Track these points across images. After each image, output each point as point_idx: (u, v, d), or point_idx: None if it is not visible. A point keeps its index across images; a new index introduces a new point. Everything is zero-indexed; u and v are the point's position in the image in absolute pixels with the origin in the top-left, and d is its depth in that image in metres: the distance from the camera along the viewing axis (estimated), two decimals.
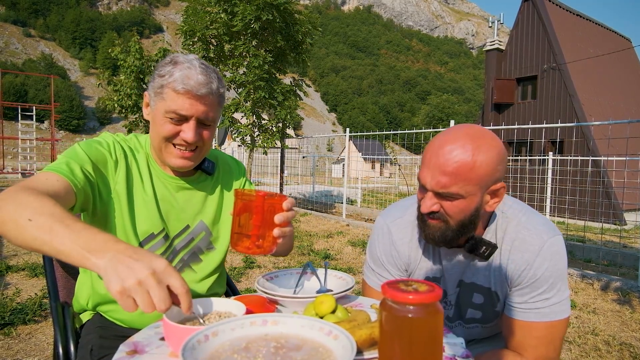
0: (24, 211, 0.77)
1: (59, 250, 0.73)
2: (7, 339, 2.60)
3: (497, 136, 0.97)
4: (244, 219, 0.88)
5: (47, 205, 0.79)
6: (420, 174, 0.98)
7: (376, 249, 1.18)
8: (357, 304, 1.04)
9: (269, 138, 9.11)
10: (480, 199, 0.96)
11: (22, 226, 0.76)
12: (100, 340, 1.10)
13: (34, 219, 0.76)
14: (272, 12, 8.23)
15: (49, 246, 0.73)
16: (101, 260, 0.69)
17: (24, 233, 0.76)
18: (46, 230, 0.74)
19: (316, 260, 4.86)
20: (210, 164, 1.24)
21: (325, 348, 0.66)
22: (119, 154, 1.12)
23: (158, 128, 1.07)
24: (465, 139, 0.92)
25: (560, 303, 1.01)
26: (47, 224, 0.75)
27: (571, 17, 16.64)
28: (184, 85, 1.02)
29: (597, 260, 5.46)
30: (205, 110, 1.06)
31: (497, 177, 0.94)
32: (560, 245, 1.02)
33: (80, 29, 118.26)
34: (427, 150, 0.98)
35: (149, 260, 0.68)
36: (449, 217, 0.96)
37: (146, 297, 0.66)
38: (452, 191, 0.92)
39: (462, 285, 1.12)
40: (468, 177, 0.91)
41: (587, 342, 2.86)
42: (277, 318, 0.73)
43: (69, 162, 0.99)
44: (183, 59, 1.06)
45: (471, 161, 0.90)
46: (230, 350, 0.65)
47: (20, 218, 0.76)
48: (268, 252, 0.91)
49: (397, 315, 0.63)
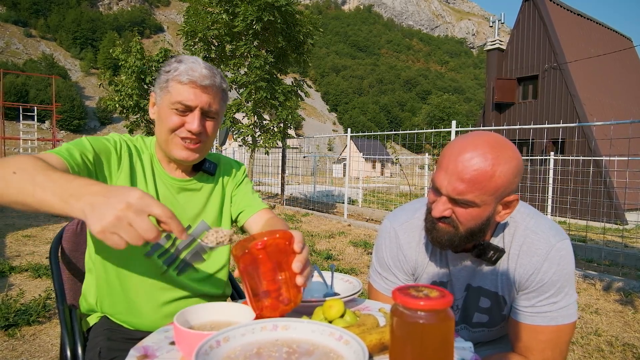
0: (10, 167, 0.78)
1: (42, 199, 0.74)
2: (11, 340, 2.61)
3: (515, 147, 0.95)
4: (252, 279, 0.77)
5: (31, 161, 0.80)
6: (436, 176, 0.97)
7: (383, 253, 1.18)
8: (365, 308, 1.04)
9: (270, 138, 9.12)
10: (493, 209, 0.95)
11: (7, 180, 0.77)
12: (108, 343, 1.11)
13: (18, 172, 0.77)
14: (274, 13, 8.23)
15: (32, 197, 0.74)
16: (78, 204, 0.69)
17: (10, 187, 0.76)
18: (29, 181, 0.75)
19: (318, 260, 4.86)
20: (211, 165, 1.27)
21: (337, 353, 0.67)
22: (124, 152, 1.14)
23: (164, 120, 1.11)
24: (486, 147, 0.91)
25: (567, 307, 1.01)
26: (29, 176, 0.76)
27: (572, 16, 16.62)
28: (188, 76, 1.06)
29: (599, 260, 5.46)
30: (209, 102, 1.10)
31: (512, 189, 0.94)
32: (567, 249, 1.02)
33: (81, 29, 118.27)
34: (446, 154, 0.96)
35: (122, 195, 0.68)
36: (460, 223, 0.96)
37: (130, 230, 0.67)
38: (468, 198, 0.92)
39: (469, 290, 1.12)
40: (485, 186, 0.90)
41: (589, 343, 2.86)
42: (287, 323, 0.74)
43: (70, 148, 1.00)
44: (188, 57, 1.11)
45: (491, 171, 0.89)
46: (242, 355, 0.66)
47: (6, 173, 0.77)
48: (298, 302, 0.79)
49: (408, 322, 0.63)
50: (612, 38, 18.30)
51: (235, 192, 1.32)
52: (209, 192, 1.26)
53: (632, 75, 17.60)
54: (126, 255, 1.13)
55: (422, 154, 14.47)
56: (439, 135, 13.79)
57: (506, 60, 16.11)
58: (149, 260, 1.15)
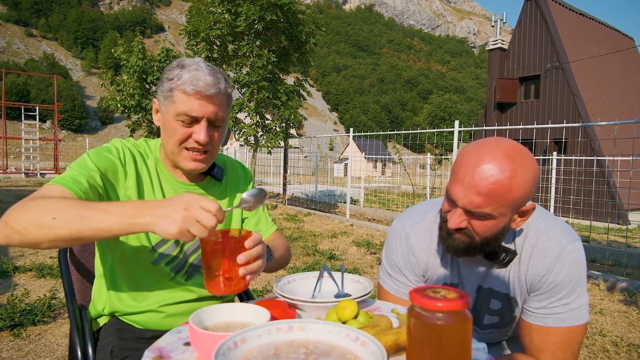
0: (43, 214, 0.80)
1: (98, 228, 0.79)
2: (17, 340, 2.61)
3: (532, 154, 0.93)
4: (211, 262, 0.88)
5: (60, 202, 0.82)
6: (451, 188, 0.94)
7: (394, 254, 1.18)
8: (376, 308, 1.04)
9: (272, 138, 9.11)
10: (509, 219, 0.94)
11: (49, 226, 0.79)
12: (119, 342, 1.11)
13: (58, 216, 0.79)
14: (276, 12, 8.23)
15: (89, 230, 0.79)
16: (143, 219, 0.78)
17: (57, 230, 0.79)
18: (77, 219, 0.79)
19: (321, 260, 4.86)
20: (219, 170, 1.25)
21: (354, 354, 0.66)
22: (128, 160, 1.12)
23: (170, 132, 1.08)
24: (503, 159, 0.87)
25: (579, 308, 1.01)
26: (74, 214, 0.80)
27: (574, 16, 16.60)
28: (193, 86, 1.03)
29: (602, 260, 5.45)
30: (215, 111, 1.08)
31: (529, 198, 0.93)
32: (579, 250, 1.01)
33: (82, 28, 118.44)
34: (462, 164, 0.92)
35: (179, 200, 0.79)
36: (476, 234, 0.95)
37: (196, 225, 0.77)
38: (485, 212, 0.90)
39: (480, 291, 1.12)
40: (503, 199, 0.88)
41: (594, 344, 2.86)
42: (302, 324, 0.74)
43: (75, 175, 0.98)
44: (190, 62, 1.08)
45: (509, 184, 0.87)
46: (260, 357, 0.66)
47: (44, 219, 0.79)
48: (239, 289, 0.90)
49: (426, 323, 0.63)
50: (615, 37, 18.27)
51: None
52: (216, 197, 1.25)
53: (634, 75, 17.57)
54: (133, 263, 1.14)
55: (423, 153, 14.45)
56: (441, 135, 13.77)
57: (508, 60, 16.09)
58: (156, 267, 1.15)
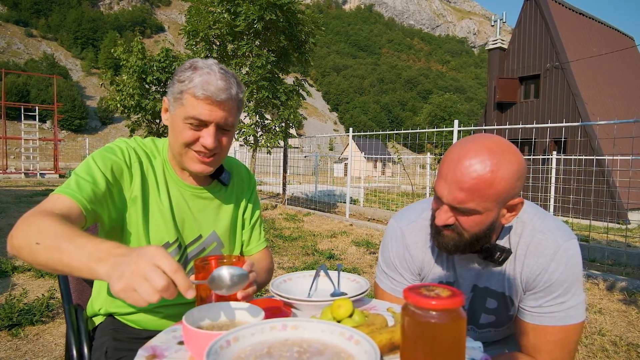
0: (33, 235, 0.81)
1: (70, 266, 0.77)
2: (15, 339, 2.61)
3: (518, 149, 0.93)
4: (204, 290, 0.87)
5: (52, 226, 0.82)
6: (436, 185, 0.96)
7: (389, 253, 1.18)
8: (372, 307, 1.04)
9: (272, 138, 9.11)
10: (497, 214, 0.94)
11: (33, 251, 0.80)
12: (114, 343, 1.10)
13: (42, 242, 0.80)
14: (276, 12, 8.23)
15: (61, 264, 0.77)
16: (104, 267, 0.72)
17: (37, 256, 0.80)
18: (54, 250, 0.78)
19: (321, 260, 4.86)
20: (226, 175, 1.25)
21: (347, 353, 0.66)
22: (133, 161, 1.11)
23: (177, 134, 1.07)
24: (485, 154, 0.88)
25: (575, 307, 1.00)
26: (53, 244, 0.79)
27: (574, 15, 16.60)
28: (203, 91, 1.01)
29: (602, 259, 5.44)
30: (225, 116, 1.06)
31: (515, 192, 0.93)
32: (575, 249, 1.01)
33: (82, 28, 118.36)
34: (445, 161, 0.94)
35: (139, 251, 0.70)
36: (464, 230, 0.96)
37: (144, 284, 0.66)
38: (469, 207, 0.91)
39: (475, 290, 1.11)
40: (486, 193, 0.89)
41: (594, 343, 2.86)
42: (297, 323, 0.73)
43: (80, 182, 0.98)
44: (202, 64, 1.05)
45: (490, 178, 0.88)
46: (253, 355, 0.65)
47: (31, 243, 0.80)
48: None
49: (420, 321, 0.63)
50: (614, 37, 18.28)
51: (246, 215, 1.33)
52: (221, 203, 1.24)
53: (634, 75, 17.57)
54: None
55: (423, 153, 14.45)
56: (441, 134, 13.77)
57: (508, 60, 16.09)
58: None
